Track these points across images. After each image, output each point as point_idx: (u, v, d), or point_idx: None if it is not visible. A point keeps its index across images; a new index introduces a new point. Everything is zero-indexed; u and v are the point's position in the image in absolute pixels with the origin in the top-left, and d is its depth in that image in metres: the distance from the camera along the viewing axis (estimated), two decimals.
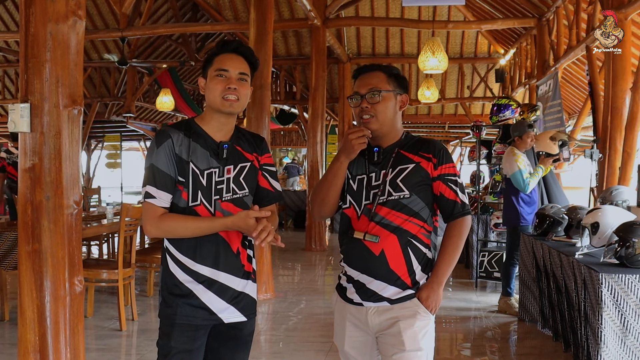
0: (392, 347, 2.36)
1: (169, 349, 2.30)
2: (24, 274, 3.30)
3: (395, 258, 2.34)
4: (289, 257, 10.22)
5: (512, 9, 10.87)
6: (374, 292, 2.36)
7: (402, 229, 2.34)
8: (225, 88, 2.27)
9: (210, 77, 2.30)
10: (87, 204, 9.68)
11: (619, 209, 4.56)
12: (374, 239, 2.34)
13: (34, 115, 3.24)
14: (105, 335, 5.31)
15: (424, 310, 2.36)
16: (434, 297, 2.36)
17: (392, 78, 2.42)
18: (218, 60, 2.31)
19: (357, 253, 2.38)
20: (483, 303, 6.73)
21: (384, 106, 2.38)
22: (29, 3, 3.23)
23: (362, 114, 2.39)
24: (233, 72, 2.29)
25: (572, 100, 12.52)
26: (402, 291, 2.36)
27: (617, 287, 3.63)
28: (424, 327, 2.36)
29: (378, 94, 2.36)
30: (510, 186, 6.01)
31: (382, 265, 2.34)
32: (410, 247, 2.35)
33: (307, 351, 4.97)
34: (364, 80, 2.41)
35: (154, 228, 2.28)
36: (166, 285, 2.34)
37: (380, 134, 2.41)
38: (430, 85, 12.64)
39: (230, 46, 2.33)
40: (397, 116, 2.43)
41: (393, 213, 2.34)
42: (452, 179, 2.38)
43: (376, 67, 2.44)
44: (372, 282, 2.36)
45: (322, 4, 10.83)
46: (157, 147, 2.26)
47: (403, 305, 2.36)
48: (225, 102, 2.28)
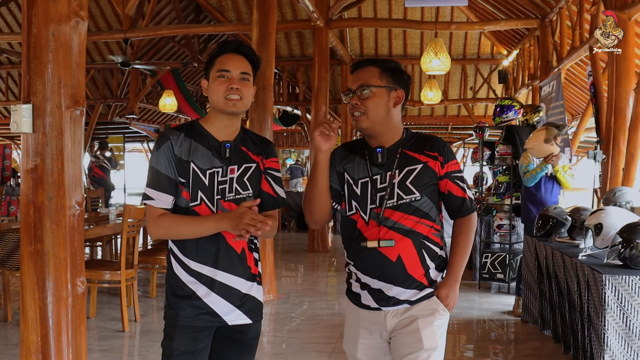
0: (407, 346, 2.32)
1: (172, 351, 2.30)
2: (26, 274, 3.30)
3: (412, 261, 2.32)
4: (292, 259, 10.22)
5: (515, 9, 10.86)
6: (392, 297, 2.33)
7: (415, 232, 2.31)
8: (227, 88, 2.27)
9: (213, 78, 2.30)
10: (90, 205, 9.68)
11: (622, 210, 4.55)
12: (390, 244, 2.29)
13: (36, 116, 3.24)
14: (108, 336, 5.31)
15: (443, 308, 2.35)
16: (452, 294, 2.36)
17: (387, 73, 2.34)
18: (219, 61, 2.31)
19: (373, 261, 2.32)
20: (486, 304, 6.72)
21: (374, 102, 2.31)
22: (31, 4, 3.23)
23: (352, 111, 2.34)
24: (234, 72, 2.29)
25: (576, 101, 12.50)
26: (419, 292, 2.34)
27: (620, 289, 3.61)
28: (441, 326, 2.36)
29: (367, 89, 2.30)
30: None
31: (400, 270, 2.31)
32: (424, 248, 2.33)
33: (310, 352, 4.96)
34: (357, 76, 2.36)
35: (153, 228, 2.30)
36: (170, 286, 2.34)
37: (375, 132, 2.35)
38: (433, 87, 12.63)
39: (230, 46, 2.33)
40: (391, 113, 2.35)
41: (406, 217, 2.30)
42: (459, 176, 2.36)
43: (370, 62, 2.38)
44: (391, 289, 2.32)
45: (324, 5, 10.83)
46: (157, 150, 2.29)
47: (422, 305, 2.34)
48: (228, 102, 2.28)
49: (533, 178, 5.96)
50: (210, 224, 2.24)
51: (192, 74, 17.58)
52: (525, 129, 7.24)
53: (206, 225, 2.25)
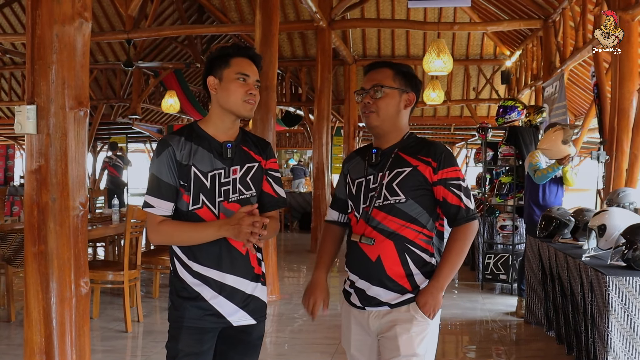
0: (389, 351, 2.35)
1: (176, 352, 2.31)
2: (30, 275, 3.30)
3: (392, 264, 2.32)
4: (295, 259, 10.22)
5: (518, 10, 10.84)
6: (373, 297, 2.37)
7: (399, 235, 2.32)
8: (246, 92, 2.28)
9: (230, 79, 2.29)
10: (93, 205, 9.70)
11: (626, 211, 4.53)
12: (369, 242, 2.33)
13: (40, 116, 3.24)
14: (111, 337, 5.32)
15: (422, 315, 2.32)
16: (432, 302, 2.31)
17: (400, 76, 2.40)
18: (237, 64, 2.30)
19: (356, 258, 2.39)
20: (489, 305, 6.71)
21: (386, 103, 2.36)
22: (36, 5, 3.23)
23: (364, 109, 2.40)
24: (252, 78, 2.31)
25: (579, 102, 12.48)
26: (401, 296, 2.34)
27: (624, 290, 3.60)
28: (420, 333, 2.33)
29: (380, 89, 2.36)
30: None
31: (379, 271, 2.33)
32: (407, 252, 2.33)
33: (313, 353, 4.96)
34: (371, 76, 2.42)
35: (154, 234, 2.31)
36: (175, 288, 2.34)
37: (381, 131, 2.39)
38: (436, 87, 12.62)
39: (248, 52, 2.34)
40: (400, 115, 2.40)
41: (389, 218, 2.32)
42: (455, 184, 2.32)
43: (385, 64, 2.43)
44: (370, 288, 2.36)
45: (327, 5, 10.83)
46: (157, 157, 2.28)
47: (401, 310, 2.34)
48: (247, 105, 2.29)
49: (545, 177, 5.90)
50: (210, 231, 2.24)
51: (195, 75, 17.59)
52: (529, 130, 7.23)
53: (206, 232, 2.24)
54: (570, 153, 5.84)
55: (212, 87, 2.32)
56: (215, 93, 2.32)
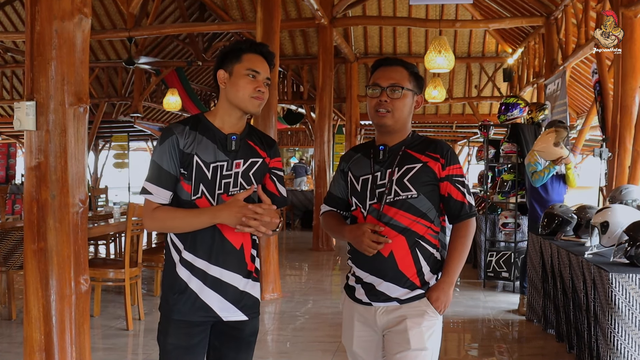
0: (397, 345, 2.34)
1: (166, 345, 2.30)
2: (30, 272, 3.29)
3: (404, 259, 2.33)
4: (296, 257, 10.21)
5: (520, 7, 10.81)
6: (383, 292, 2.35)
7: (410, 230, 2.33)
8: (255, 89, 2.26)
9: (240, 75, 2.27)
10: (95, 203, 9.70)
11: (628, 208, 4.51)
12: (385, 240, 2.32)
13: (40, 113, 3.23)
14: (112, 335, 5.31)
15: (433, 310, 2.35)
16: (443, 298, 2.35)
17: (413, 77, 2.41)
18: (249, 60, 2.28)
19: (366, 254, 2.35)
20: (491, 303, 6.69)
21: (402, 103, 2.36)
22: (35, 1, 3.22)
23: (378, 107, 2.36)
24: (263, 75, 2.29)
25: (581, 99, 12.45)
26: (411, 291, 2.35)
27: (627, 287, 3.58)
28: (430, 327, 2.35)
29: (400, 90, 2.35)
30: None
31: (391, 266, 2.33)
32: (418, 247, 2.34)
33: (315, 351, 4.95)
34: (386, 74, 2.38)
35: (148, 220, 2.28)
36: (167, 280, 2.32)
37: (392, 130, 2.39)
38: (438, 85, 12.59)
39: (261, 48, 2.32)
40: (410, 115, 2.43)
41: (401, 214, 2.32)
42: (460, 180, 2.38)
43: (399, 62, 2.42)
44: (381, 284, 2.35)
45: (329, 3, 10.81)
46: (160, 145, 2.25)
47: (412, 305, 2.35)
48: (255, 101, 2.27)
49: (541, 179, 5.93)
50: (206, 216, 2.20)
51: (197, 73, 17.58)
52: (531, 127, 7.21)
53: (202, 218, 2.21)
54: (563, 155, 5.86)
55: (222, 80, 2.30)
56: (224, 87, 2.30)
